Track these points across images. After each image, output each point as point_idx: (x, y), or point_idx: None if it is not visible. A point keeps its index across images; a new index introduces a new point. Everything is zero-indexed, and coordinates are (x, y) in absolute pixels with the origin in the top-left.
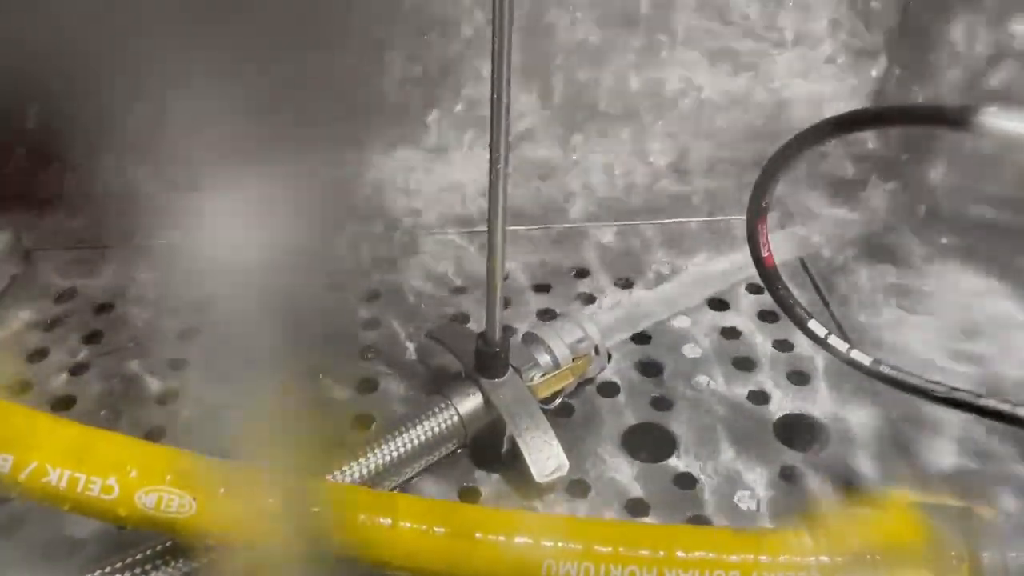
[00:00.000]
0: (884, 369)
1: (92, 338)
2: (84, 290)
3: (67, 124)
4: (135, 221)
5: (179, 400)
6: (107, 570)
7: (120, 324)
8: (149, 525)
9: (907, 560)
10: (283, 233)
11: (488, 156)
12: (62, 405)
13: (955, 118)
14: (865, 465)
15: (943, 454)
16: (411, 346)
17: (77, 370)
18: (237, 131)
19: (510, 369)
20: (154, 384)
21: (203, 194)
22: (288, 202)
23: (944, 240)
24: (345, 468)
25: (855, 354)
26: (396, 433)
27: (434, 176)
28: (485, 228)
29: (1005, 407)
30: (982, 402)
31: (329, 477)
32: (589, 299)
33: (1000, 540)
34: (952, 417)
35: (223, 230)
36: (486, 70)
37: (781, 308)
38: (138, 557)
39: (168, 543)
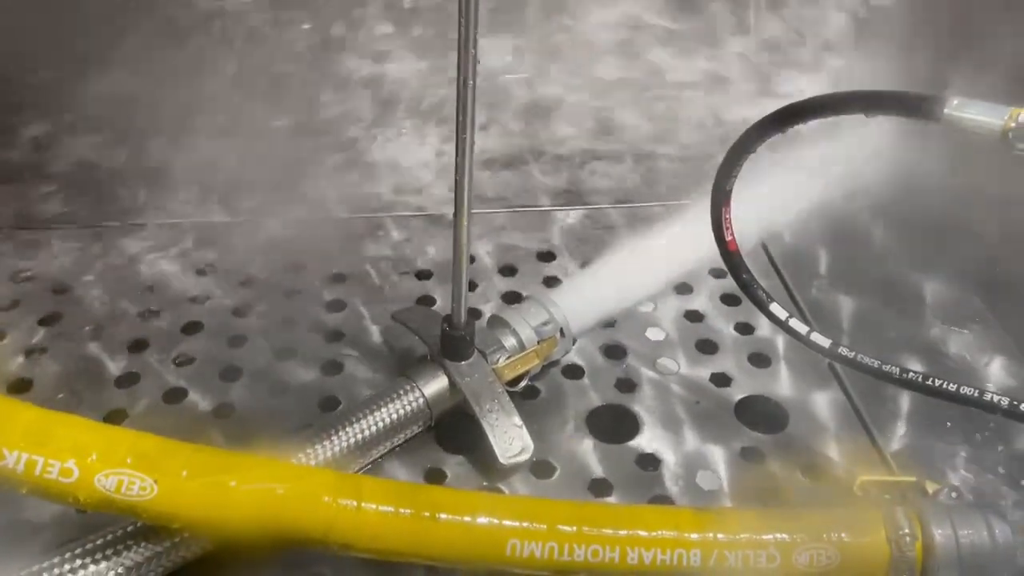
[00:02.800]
0: (842, 351)
1: (50, 320)
2: (41, 271)
3: (24, 104)
4: (96, 202)
5: (140, 383)
6: (67, 555)
7: (78, 306)
8: (110, 508)
9: (864, 539)
10: (246, 215)
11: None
12: (19, 388)
13: (920, 107)
14: (824, 444)
15: (897, 433)
16: (376, 328)
17: (34, 352)
18: (203, 110)
19: (476, 352)
20: (113, 367)
21: (165, 175)
22: (251, 184)
23: None
24: (310, 450)
25: (815, 336)
26: (361, 415)
27: None
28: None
29: (952, 387)
30: (931, 383)
31: (294, 459)
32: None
33: (951, 517)
34: (906, 397)
35: (186, 213)
36: None
37: (743, 291)
38: (99, 542)
39: (130, 526)
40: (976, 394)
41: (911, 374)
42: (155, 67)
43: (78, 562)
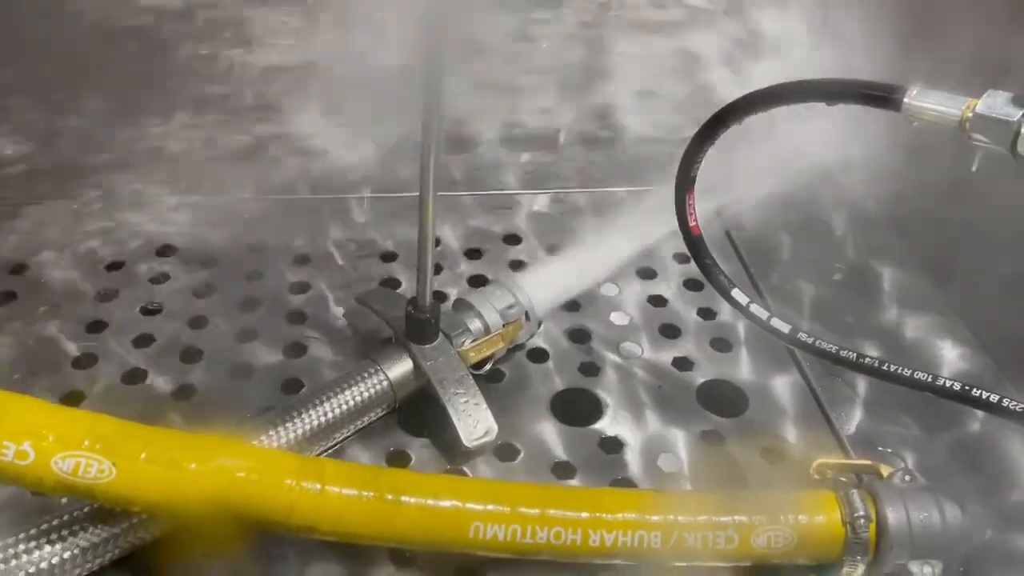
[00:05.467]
0: (801, 336)
1: (5, 299)
2: None
3: None
4: (51, 178)
5: (98, 364)
6: (20, 536)
7: (35, 285)
8: (67, 491)
9: (820, 521)
10: (208, 195)
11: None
12: None
13: (881, 96)
14: (782, 428)
15: (854, 417)
16: (340, 311)
17: None
18: (166, 90)
19: (441, 334)
20: (71, 347)
21: (122, 155)
22: (214, 161)
23: None
24: (272, 433)
25: (775, 322)
26: (325, 398)
27: None
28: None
29: (906, 372)
30: (886, 368)
31: (256, 442)
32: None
33: (904, 499)
34: (863, 382)
35: (146, 192)
36: None
37: (705, 277)
38: (54, 523)
39: (86, 508)
40: (929, 379)
41: (867, 359)
42: None
43: (32, 543)
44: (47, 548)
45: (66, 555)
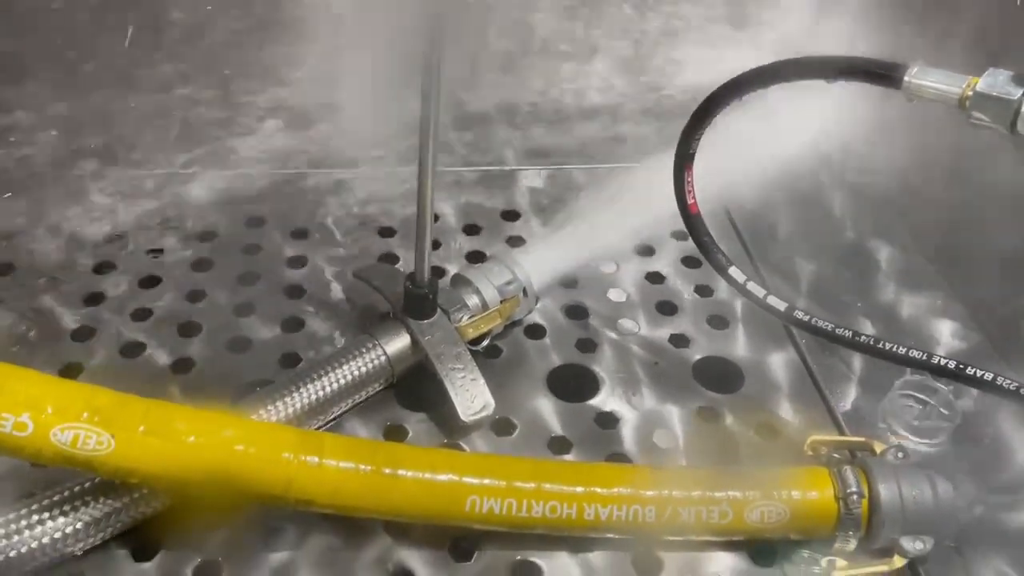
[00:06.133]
0: (798, 314)
1: (3, 271)
2: None
3: None
4: (49, 150)
5: (96, 337)
6: (23, 511)
7: (32, 257)
8: (66, 463)
9: (813, 496)
10: (210, 169)
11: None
12: None
13: (882, 74)
14: (777, 405)
15: (849, 394)
16: (338, 285)
17: None
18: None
19: (439, 310)
20: (69, 320)
21: (121, 125)
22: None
23: None
24: (271, 407)
25: (772, 300)
26: (323, 372)
27: None
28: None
29: (901, 350)
30: (882, 346)
31: (254, 416)
32: None
33: (896, 476)
34: (858, 360)
35: (144, 162)
36: None
37: (703, 254)
38: (56, 498)
39: (88, 482)
40: (924, 357)
41: (863, 337)
42: None
43: (35, 517)
44: (49, 523)
45: (68, 529)
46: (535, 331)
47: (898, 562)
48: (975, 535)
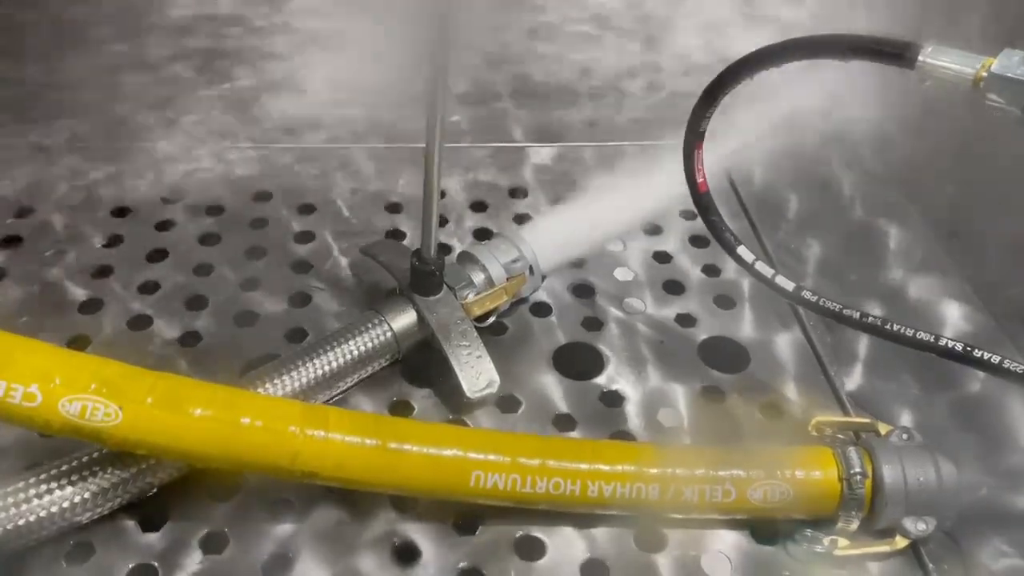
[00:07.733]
0: (805, 294)
1: (11, 243)
2: (3, 192)
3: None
4: (59, 123)
5: (104, 309)
6: (31, 480)
7: (41, 229)
8: (74, 433)
9: (816, 476)
10: (215, 143)
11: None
12: None
13: (895, 53)
14: (783, 385)
15: (854, 375)
16: (345, 261)
17: None
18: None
19: (445, 287)
20: (77, 292)
21: (132, 102)
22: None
23: None
24: (277, 381)
25: (779, 279)
26: (329, 347)
27: None
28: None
29: (908, 332)
30: (889, 327)
31: (262, 390)
32: None
33: (900, 457)
34: (864, 340)
35: (156, 139)
36: None
37: (712, 233)
38: (64, 468)
39: (95, 452)
40: (932, 339)
41: (870, 318)
42: None
43: (43, 487)
44: (57, 492)
45: (76, 499)
46: (541, 309)
47: (900, 542)
48: (979, 518)
